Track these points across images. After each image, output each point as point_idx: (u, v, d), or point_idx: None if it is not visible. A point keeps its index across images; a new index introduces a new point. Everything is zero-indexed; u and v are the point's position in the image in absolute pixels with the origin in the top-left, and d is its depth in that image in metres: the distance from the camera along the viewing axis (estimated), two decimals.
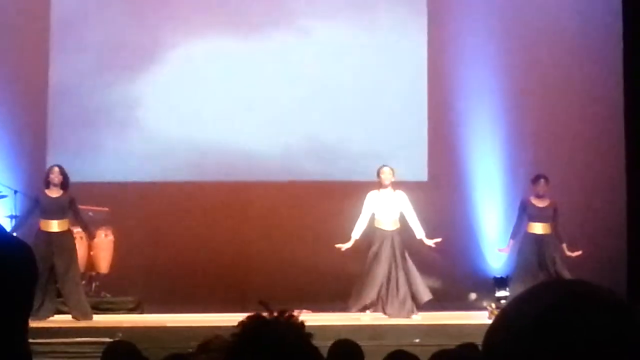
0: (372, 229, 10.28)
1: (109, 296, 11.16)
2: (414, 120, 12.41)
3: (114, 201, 11.38)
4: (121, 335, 8.28)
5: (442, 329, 9.14)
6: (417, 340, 8.59)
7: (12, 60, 12.14)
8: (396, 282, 10.13)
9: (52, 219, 9.88)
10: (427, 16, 12.56)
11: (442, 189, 12.15)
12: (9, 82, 12.12)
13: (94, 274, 11.24)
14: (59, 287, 9.93)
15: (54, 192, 9.94)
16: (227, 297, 11.07)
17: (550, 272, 10.46)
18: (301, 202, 12.05)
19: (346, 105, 12.33)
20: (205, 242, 11.89)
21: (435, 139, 12.41)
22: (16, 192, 11.04)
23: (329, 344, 4.95)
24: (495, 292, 10.68)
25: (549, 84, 12.48)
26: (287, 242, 11.83)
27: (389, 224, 10.26)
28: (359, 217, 10.35)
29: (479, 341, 1.35)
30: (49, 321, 9.54)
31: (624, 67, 12.40)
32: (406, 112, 12.40)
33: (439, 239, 10.31)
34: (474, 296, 12.02)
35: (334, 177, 12.15)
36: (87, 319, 9.85)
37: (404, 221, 10.34)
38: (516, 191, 11.70)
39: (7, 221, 10.62)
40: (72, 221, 10.14)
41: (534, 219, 10.67)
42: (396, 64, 12.43)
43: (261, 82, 12.33)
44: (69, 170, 10.10)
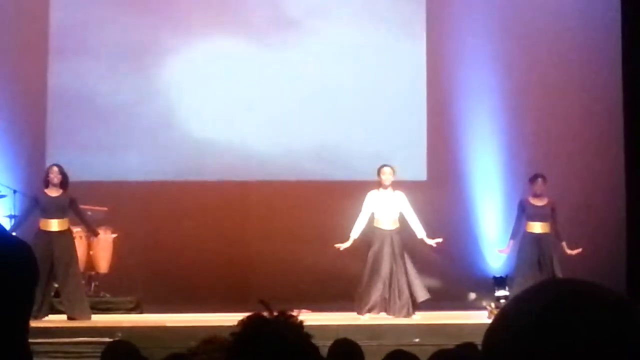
0: (372, 229, 10.27)
1: (108, 296, 11.16)
2: (413, 120, 12.41)
3: (113, 201, 11.37)
4: (121, 335, 8.27)
5: (442, 328, 9.13)
6: (417, 339, 8.59)
7: (12, 60, 12.13)
8: (397, 282, 10.12)
9: (52, 218, 9.86)
10: (427, 16, 12.56)
11: (441, 188, 12.15)
12: (9, 82, 12.11)
13: (94, 273, 11.24)
14: (59, 286, 9.92)
15: (54, 192, 9.92)
16: (227, 297, 11.07)
17: (548, 271, 10.46)
18: (301, 202, 12.04)
19: (346, 105, 12.33)
20: (205, 242, 11.89)
21: (434, 139, 12.41)
22: (15, 191, 11.03)
23: (329, 343, 4.95)
24: (494, 292, 10.68)
25: (548, 83, 12.48)
26: (287, 242, 11.83)
27: (388, 224, 10.26)
28: (358, 217, 10.35)
29: (478, 341, 1.35)
30: (49, 321, 9.53)
31: (623, 67, 12.41)
32: (405, 111, 12.40)
33: (439, 239, 10.31)
34: (473, 296, 12.02)
35: (333, 177, 12.15)
36: (86, 318, 9.82)
37: (403, 221, 10.34)
38: (515, 191, 11.70)
39: (6, 221, 10.60)
40: (74, 220, 10.14)
41: (532, 218, 10.67)
42: (395, 63, 12.43)
43: (261, 82, 12.33)
44: (68, 169, 10.09)
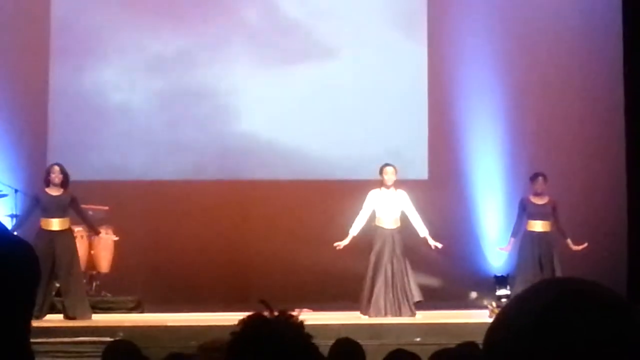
0: (373, 228, 10.25)
1: (109, 295, 11.16)
2: (415, 119, 12.41)
3: (114, 200, 11.37)
4: (122, 334, 8.27)
5: (443, 327, 9.13)
6: (418, 339, 8.58)
7: (13, 59, 12.14)
8: (400, 282, 10.10)
9: (53, 217, 9.85)
10: (427, 16, 12.56)
11: (442, 187, 12.15)
12: (10, 82, 12.12)
13: (95, 273, 11.24)
14: (60, 285, 9.91)
15: (54, 191, 9.91)
16: (228, 296, 11.08)
17: (549, 270, 10.46)
18: (302, 202, 12.04)
19: (347, 104, 12.33)
20: (205, 242, 11.89)
21: (435, 138, 12.41)
22: (17, 191, 11.03)
23: (330, 343, 4.94)
24: (495, 291, 10.68)
25: (549, 83, 12.48)
26: (288, 241, 11.82)
27: (389, 223, 10.24)
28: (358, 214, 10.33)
29: (479, 340, 1.35)
30: (50, 321, 9.52)
31: (624, 66, 12.40)
32: (407, 111, 12.40)
33: (440, 245, 10.26)
34: (474, 295, 12.03)
35: (335, 177, 12.15)
36: (87, 318, 9.82)
37: (404, 220, 10.32)
38: (516, 190, 11.70)
39: (7, 220, 10.61)
40: (75, 220, 10.13)
41: (533, 217, 10.67)
42: (396, 63, 12.43)
43: (260, 82, 12.33)
44: (69, 168, 10.08)
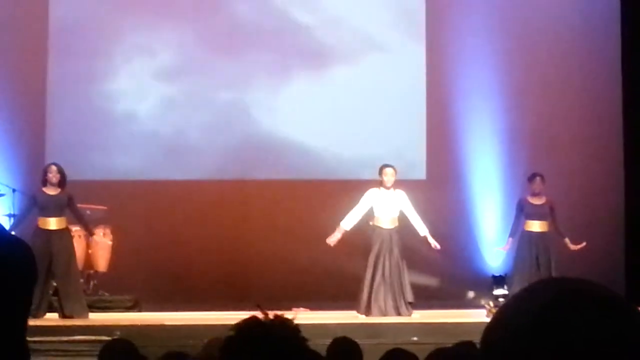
0: (371, 228, 10.23)
1: (107, 294, 11.16)
2: (413, 119, 12.41)
3: (112, 200, 11.37)
4: (119, 333, 8.25)
5: (440, 327, 9.13)
6: (415, 338, 8.58)
7: (11, 59, 12.14)
8: (398, 281, 10.10)
9: (50, 216, 9.84)
10: (426, 16, 12.56)
11: (440, 187, 12.15)
12: (8, 81, 12.12)
13: (92, 272, 11.24)
14: (57, 284, 9.91)
15: (52, 190, 9.90)
16: (226, 296, 11.08)
17: (547, 270, 10.46)
18: (300, 201, 12.04)
19: (345, 104, 12.32)
20: (203, 241, 11.89)
21: (434, 138, 12.41)
22: (14, 190, 11.03)
23: (328, 342, 4.95)
24: (493, 291, 10.68)
25: (547, 83, 12.49)
26: (286, 241, 11.82)
27: (387, 223, 10.22)
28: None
29: (477, 339, 1.35)
30: (46, 319, 9.52)
31: (622, 66, 12.41)
32: (405, 111, 12.40)
33: (438, 247, 10.25)
34: (472, 294, 12.03)
35: (334, 176, 12.14)
36: (84, 317, 9.82)
37: (402, 220, 10.31)
38: (514, 190, 11.70)
39: (5, 220, 10.60)
40: (70, 219, 10.13)
41: (530, 217, 10.67)
42: (395, 63, 12.43)
43: (260, 81, 12.33)
44: (67, 168, 10.07)
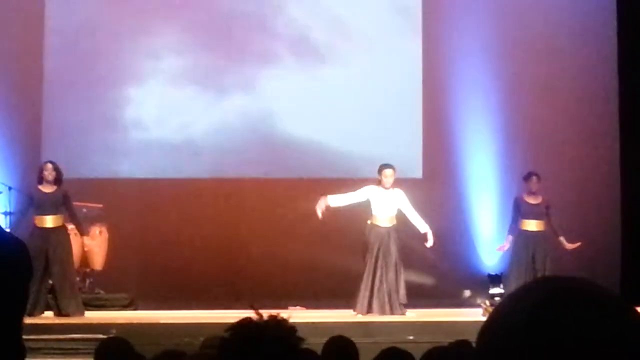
0: (369, 227, 10.20)
1: (102, 292, 11.16)
2: (409, 117, 12.41)
3: (108, 198, 11.37)
4: (115, 331, 8.26)
5: (436, 326, 9.14)
6: (411, 337, 8.59)
7: (8, 57, 12.12)
8: (394, 280, 10.09)
9: (47, 214, 9.84)
10: (422, 13, 12.56)
11: (436, 186, 12.15)
12: (5, 79, 12.11)
13: (88, 270, 11.23)
14: (54, 282, 9.90)
15: (48, 188, 9.90)
16: (221, 294, 11.09)
17: (543, 269, 10.47)
18: (297, 200, 12.02)
19: (342, 103, 12.33)
20: (200, 239, 11.88)
21: (430, 137, 12.41)
22: (11, 188, 11.02)
23: (323, 340, 4.94)
24: (489, 289, 10.69)
25: (544, 81, 12.49)
26: (282, 239, 11.82)
27: (385, 221, 10.20)
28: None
29: (472, 338, 1.36)
30: (42, 317, 9.52)
31: (618, 65, 12.43)
32: (401, 109, 12.40)
33: (431, 244, 10.25)
34: (468, 293, 12.04)
35: (330, 175, 12.14)
36: (79, 315, 9.81)
37: (399, 218, 10.30)
38: (510, 189, 11.70)
39: (1, 218, 10.60)
40: (65, 217, 10.12)
41: (527, 216, 10.68)
42: (391, 61, 12.43)
43: (259, 81, 12.33)
44: (63, 166, 10.07)
